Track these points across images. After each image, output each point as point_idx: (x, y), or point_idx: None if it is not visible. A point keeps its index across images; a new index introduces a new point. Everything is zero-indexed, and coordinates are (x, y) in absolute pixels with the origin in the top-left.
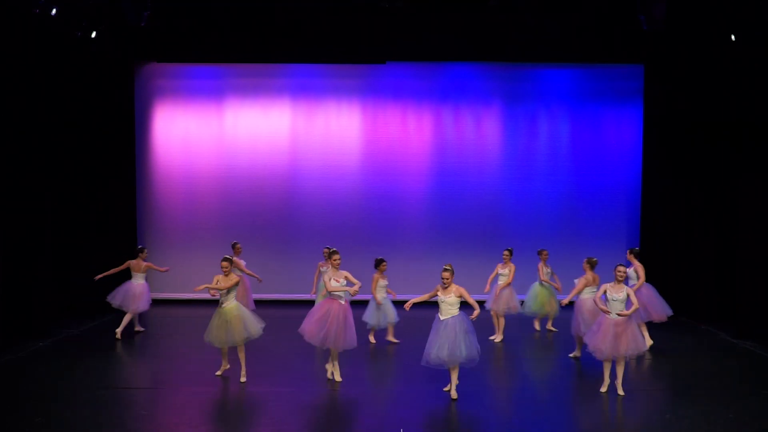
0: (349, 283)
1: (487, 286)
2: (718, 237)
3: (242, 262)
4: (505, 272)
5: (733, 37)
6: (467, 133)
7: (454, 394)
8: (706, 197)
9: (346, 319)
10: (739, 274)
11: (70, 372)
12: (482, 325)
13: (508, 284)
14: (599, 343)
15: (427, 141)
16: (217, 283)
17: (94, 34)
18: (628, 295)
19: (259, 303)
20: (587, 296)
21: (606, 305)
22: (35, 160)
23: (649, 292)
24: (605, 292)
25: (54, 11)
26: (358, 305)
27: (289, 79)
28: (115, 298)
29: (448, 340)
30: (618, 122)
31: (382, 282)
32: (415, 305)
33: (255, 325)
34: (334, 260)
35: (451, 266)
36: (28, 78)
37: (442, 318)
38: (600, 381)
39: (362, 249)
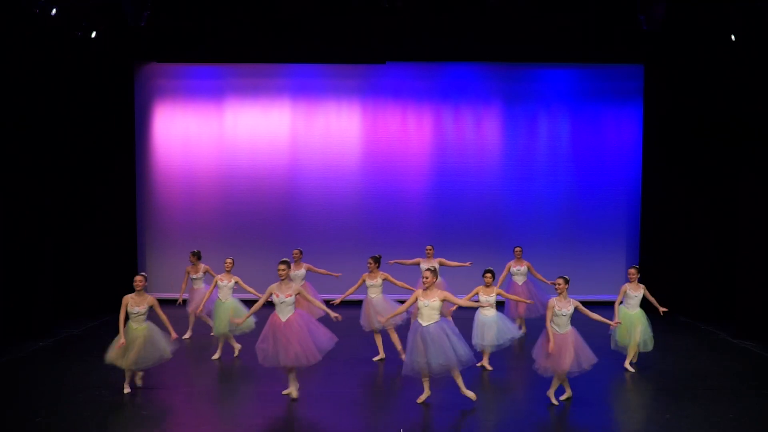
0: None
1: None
2: (718, 237)
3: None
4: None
5: (733, 37)
6: (467, 133)
7: (471, 394)
8: (706, 197)
9: (295, 333)
10: (739, 274)
11: (70, 372)
12: None
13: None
14: (541, 360)
15: (427, 141)
16: (131, 304)
17: (94, 34)
18: (575, 309)
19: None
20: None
21: (552, 321)
22: (35, 160)
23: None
24: (553, 308)
25: (54, 11)
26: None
27: (289, 79)
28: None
29: (440, 347)
30: (618, 122)
31: (483, 297)
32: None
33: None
34: (281, 270)
35: (434, 266)
36: (28, 78)
37: (423, 324)
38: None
39: (362, 249)
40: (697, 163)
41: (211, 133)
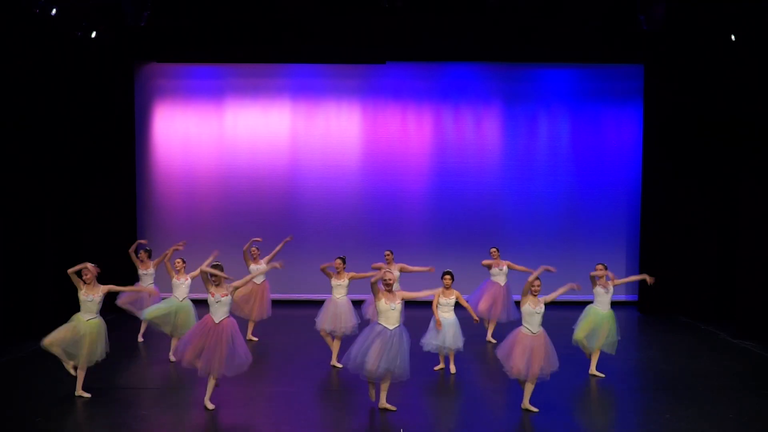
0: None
1: None
2: (718, 237)
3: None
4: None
5: (733, 37)
6: (467, 133)
7: (387, 405)
8: (706, 197)
9: (227, 341)
10: (739, 274)
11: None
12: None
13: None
14: (514, 361)
15: (427, 141)
16: (85, 292)
17: (94, 34)
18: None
19: None
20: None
21: (526, 319)
22: (35, 160)
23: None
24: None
25: (54, 11)
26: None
27: (289, 79)
28: None
29: (395, 354)
30: (618, 122)
31: (443, 299)
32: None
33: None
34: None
35: (392, 270)
36: (28, 78)
37: (390, 327)
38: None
39: (362, 249)
40: (697, 163)
41: (211, 133)
